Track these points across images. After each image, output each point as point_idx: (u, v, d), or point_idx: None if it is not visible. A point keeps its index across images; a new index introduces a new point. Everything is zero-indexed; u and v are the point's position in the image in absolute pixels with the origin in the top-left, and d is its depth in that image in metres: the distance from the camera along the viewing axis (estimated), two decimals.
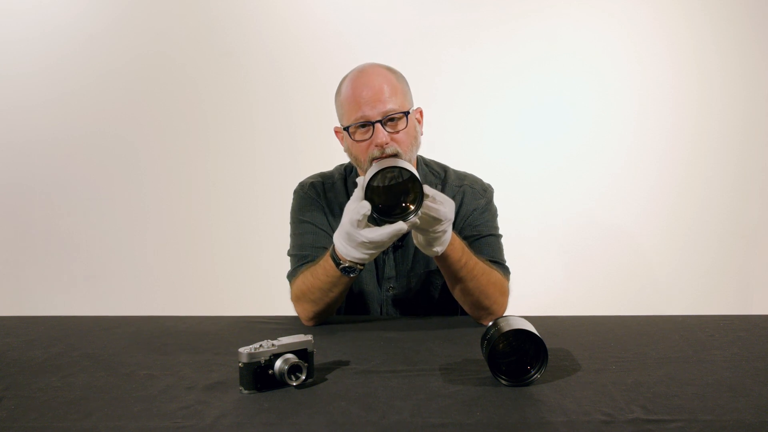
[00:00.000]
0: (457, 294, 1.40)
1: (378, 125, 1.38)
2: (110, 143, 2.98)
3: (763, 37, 2.84)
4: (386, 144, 1.38)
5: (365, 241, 1.18)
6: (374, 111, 1.38)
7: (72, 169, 2.99)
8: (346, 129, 1.43)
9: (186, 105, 2.97)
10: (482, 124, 2.92)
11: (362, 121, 1.39)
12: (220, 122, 2.96)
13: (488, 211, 1.54)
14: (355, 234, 1.18)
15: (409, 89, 1.48)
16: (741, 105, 2.87)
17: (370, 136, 1.39)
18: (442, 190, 1.53)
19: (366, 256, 1.23)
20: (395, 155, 1.39)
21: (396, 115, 1.40)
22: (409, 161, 1.43)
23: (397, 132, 1.40)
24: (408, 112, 1.42)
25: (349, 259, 1.24)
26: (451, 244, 1.27)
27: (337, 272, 1.29)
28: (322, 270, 1.33)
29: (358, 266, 1.27)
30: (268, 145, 2.95)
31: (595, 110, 2.90)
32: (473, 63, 2.89)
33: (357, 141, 1.41)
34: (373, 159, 1.39)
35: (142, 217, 3.00)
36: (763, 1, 2.84)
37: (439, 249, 1.25)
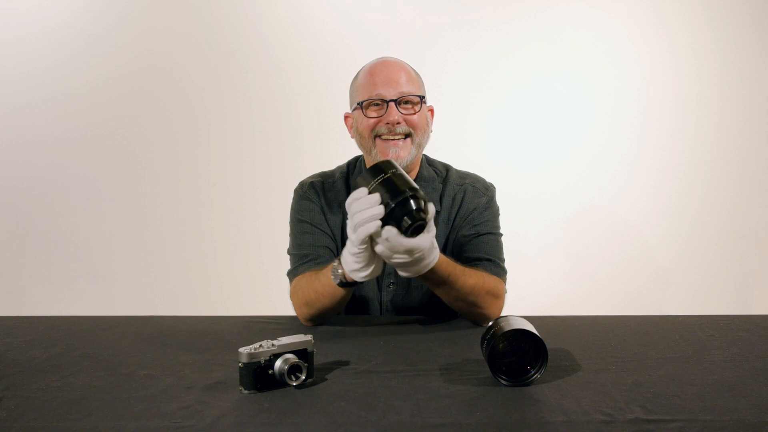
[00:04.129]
0: (448, 302, 1.38)
1: (392, 104, 1.42)
2: (110, 143, 2.98)
3: (763, 37, 2.84)
4: (398, 123, 1.42)
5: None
6: (390, 91, 1.43)
7: (72, 169, 2.99)
8: (359, 104, 1.46)
9: (186, 105, 2.97)
10: (482, 124, 2.92)
11: (377, 98, 1.43)
12: (220, 122, 2.96)
13: (489, 209, 1.54)
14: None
15: (424, 87, 1.52)
16: (741, 105, 2.86)
17: (382, 115, 1.43)
18: (444, 188, 1.55)
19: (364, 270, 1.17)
20: (408, 135, 1.43)
21: (411, 98, 1.44)
22: (419, 146, 1.47)
23: (412, 114, 1.44)
24: (423, 97, 1.47)
25: (349, 273, 1.19)
26: (438, 264, 1.23)
27: (333, 284, 1.26)
28: (325, 278, 1.30)
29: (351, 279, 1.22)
30: (268, 145, 2.95)
31: (595, 110, 2.90)
32: (473, 63, 2.89)
33: (368, 117, 1.44)
34: (377, 136, 1.43)
35: (142, 217, 3.00)
36: (763, 1, 2.84)
37: (429, 262, 1.18)
